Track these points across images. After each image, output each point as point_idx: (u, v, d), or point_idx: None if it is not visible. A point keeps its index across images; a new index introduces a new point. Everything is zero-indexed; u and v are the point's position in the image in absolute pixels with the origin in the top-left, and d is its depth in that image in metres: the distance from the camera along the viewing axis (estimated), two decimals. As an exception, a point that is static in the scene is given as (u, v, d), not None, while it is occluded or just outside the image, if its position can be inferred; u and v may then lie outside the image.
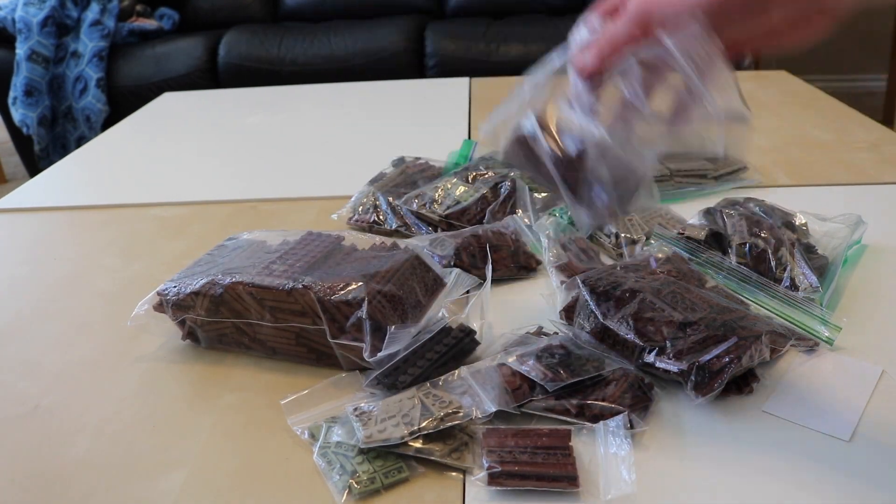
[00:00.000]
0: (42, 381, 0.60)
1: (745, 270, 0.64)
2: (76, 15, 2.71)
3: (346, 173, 1.03)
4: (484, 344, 0.58)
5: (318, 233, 0.66)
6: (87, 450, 0.52)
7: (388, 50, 2.58)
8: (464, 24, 2.70)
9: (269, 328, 0.59)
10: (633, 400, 0.51)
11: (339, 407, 0.53)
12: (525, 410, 0.51)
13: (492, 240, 0.71)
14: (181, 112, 1.46)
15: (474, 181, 0.83)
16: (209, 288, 0.59)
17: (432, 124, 1.26)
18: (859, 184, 0.90)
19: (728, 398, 0.53)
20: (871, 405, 0.52)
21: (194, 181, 1.05)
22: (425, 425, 0.48)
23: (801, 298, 0.61)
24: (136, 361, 0.62)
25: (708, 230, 0.68)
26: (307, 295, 0.56)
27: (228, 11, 2.97)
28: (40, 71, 2.62)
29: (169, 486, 0.48)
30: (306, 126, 1.29)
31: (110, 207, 0.97)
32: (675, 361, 0.52)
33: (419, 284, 0.61)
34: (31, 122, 2.63)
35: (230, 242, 0.68)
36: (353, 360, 0.57)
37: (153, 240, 0.86)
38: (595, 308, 0.58)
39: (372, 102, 1.42)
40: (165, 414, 0.56)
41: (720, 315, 0.55)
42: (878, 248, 0.73)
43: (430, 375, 0.54)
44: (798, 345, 0.58)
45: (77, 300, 0.73)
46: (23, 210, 0.99)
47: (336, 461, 0.48)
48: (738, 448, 0.49)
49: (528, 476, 0.46)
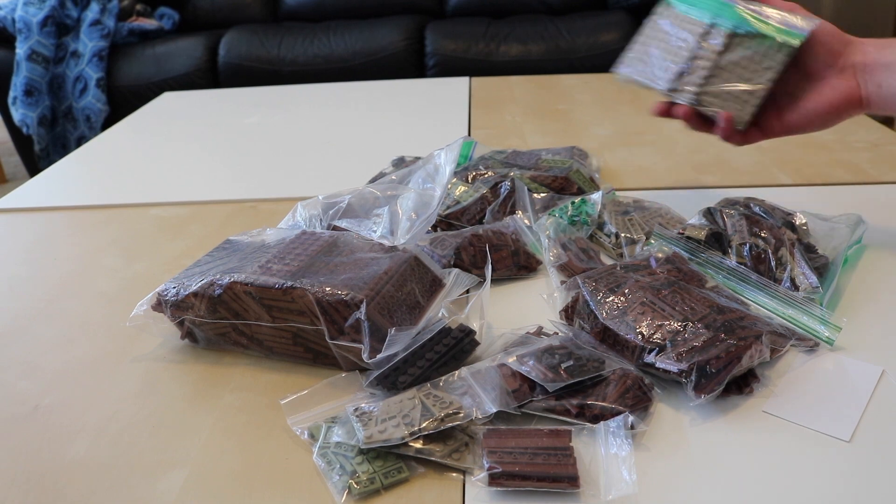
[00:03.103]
0: (42, 381, 0.60)
1: (745, 270, 0.64)
2: (76, 15, 2.71)
3: (346, 173, 1.04)
4: (484, 344, 0.58)
5: (312, 231, 0.67)
6: (87, 450, 0.52)
7: (388, 50, 2.58)
8: (464, 23, 2.70)
9: (267, 328, 0.59)
10: (634, 400, 0.51)
11: (339, 407, 0.53)
12: (525, 411, 0.51)
13: (492, 240, 0.71)
14: (181, 112, 1.46)
15: (474, 181, 0.83)
16: (208, 288, 0.59)
17: (432, 124, 1.26)
18: (859, 184, 0.90)
19: (728, 398, 0.53)
20: (871, 405, 0.52)
21: (194, 181, 1.05)
22: (426, 426, 0.48)
23: (801, 298, 0.61)
24: (135, 361, 0.62)
25: (708, 230, 0.68)
26: (306, 296, 0.56)
27: (228, 11, 2.97)
28: (40, 71, 2.63)
29: (169, 486, 0.48)
30: (306, 126, 1.29)
31: (110, 207, 0.97)
32: (675, 361, 0.52)
33: (418, 285, 0.61)
34: (31, 122, 2.63)
35: (230, 244, 0.68)
36: (353, 360, 0.57)
37: (153, 240, 0.86)
38: (595, 308, 0.58)
39: (372, 102, 1.42)
40: (165, 414, 0.56)
41: (720, 315, 0.55)
42: (878, 248, 0.73)
43: (430, 376, 0.54)
44: (798, 345, 0.58)
45: (77, 300, 0.73)
46: (23, 210, 0.99)
47: (336, 461, 0.48)
48: (738, 448, 0.49)
49: (529, 476, 0.46)
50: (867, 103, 0.66)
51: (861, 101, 0.66)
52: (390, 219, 0.65)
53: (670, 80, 0.70)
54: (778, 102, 0.70)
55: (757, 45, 0.68)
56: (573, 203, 0.77)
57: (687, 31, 0.71)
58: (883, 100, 0.66)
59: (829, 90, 0.67)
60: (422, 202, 0.64)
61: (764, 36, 0.68)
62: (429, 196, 0.65)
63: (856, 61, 0.66)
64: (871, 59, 0.65)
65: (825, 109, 0.67)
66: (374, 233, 0.65)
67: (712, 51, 0.69)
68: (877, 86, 0.65)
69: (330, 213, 0.71)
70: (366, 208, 0.69)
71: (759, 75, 0.68)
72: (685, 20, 0.72)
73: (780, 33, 0.67)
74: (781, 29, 0.67)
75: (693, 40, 0.70)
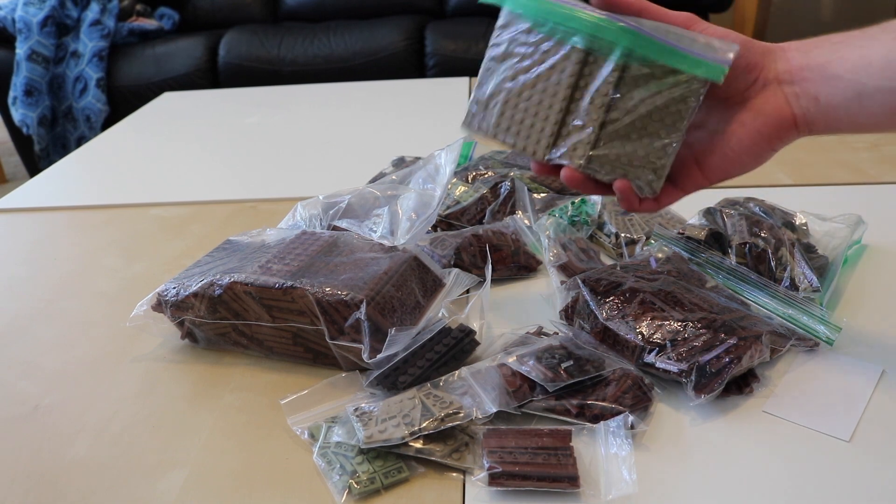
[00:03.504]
0: (42, 381, 0.60)
1: (745, 270, 0.64)
2: (76, 15, 2.71)
3: (346, 173, 1.03)
4: (484, 344, 0.58)
5: (313, 231, 0.67)
6: (87, 450, 0.52)
7: (388, 50, 2.58)
8: (464, 24, 2.69)
9: (268, 328, 0.59)
10: (634, 400, 0.51)
11: (339, 407, 0.53)
12: (525, 411, 0.51)
13: (492, 240, 0.71)
14: (181, 112, 1.46)
15: (474, 181, 0.83)
16: (208, 288, 0.59)
17: (432, 124, 1.26)
18: (859, 184, 0.90)
19: (728, 398, 0.53)
20: (871, 405, 0.52)
21: (194, 181, 1.05)
22: (426, 426, 0.48)
23: (801, 298, 0.60)
24: (135, 361, 0.62)
25: (708, 230, 0.68)
26: (306, 296, 0.56)
27: (228, 11, 2.97)
28: (40, 71, 2.62)
29: (169, 486, 0.48)
30: (306, 126, 1.29)
31: (110, 207, 0.97)
32: (675, 361, 0.52)
33: (418, 285, 0.61)
34: (31, 122, 2.63)
35: (230, 244, 0.68)
36: (353, 360, 0.57)
37: (153, 240, 0.86)
38: (595, 308, 0.58)
39: (372, 102, 1.42)
40: (165, 414, 0.56)
41: (720, 315, 0.55)
42: (878, 248, 0.73)
43: (430, 376, 0.54)
44: (798, 345, 0.58)
45: (77, 300, 0.73)
46: (23, 210, 0.99)
47: (336, 461, 0.48)
48: (738, 448, 0.49)
49: (529, 476, 0.46)
50: (805, 124, 0.50)
51: (796, 122, 0.50)
52: (390, 219, 0.65)
53: (546, 148, 0.52)
54: (691, 145, 0.54)
55: (658, 83, 0.49)
56: (573, 203, 0.77)
57: (556, 66, 0.51)
58: (825, 116, 0.49)
59: (751, 117, 0.51)
60: (422, 202, 0.64)
61: (670, 70, 0.49)
62: (429, 196, 0.65)
63: (779, 71, 0.50)
64: (797, 63, 0.49)
65: (752, 142, 0.51)
66: (374, 233, 0.65)
67: (600, 95, 0.50)
68: (812, 99, 0.49)
69: (330, 213, 0.71)
70: (366, 208, 0.69)
71: (667, 125, 0.50)
72: (549, 46, 0.51)
73: (693, 65, 0.48)
74: (691, 57, 0.48)
75: (567, 79, 0.51)
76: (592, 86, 0.50)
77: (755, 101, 0.51)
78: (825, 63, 0.48)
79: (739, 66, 0.49)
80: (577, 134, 0.51)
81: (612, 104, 0.50)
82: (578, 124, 0.51)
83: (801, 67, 0.49)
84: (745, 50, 0.49)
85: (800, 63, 0.49)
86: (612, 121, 0.50)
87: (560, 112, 0.51)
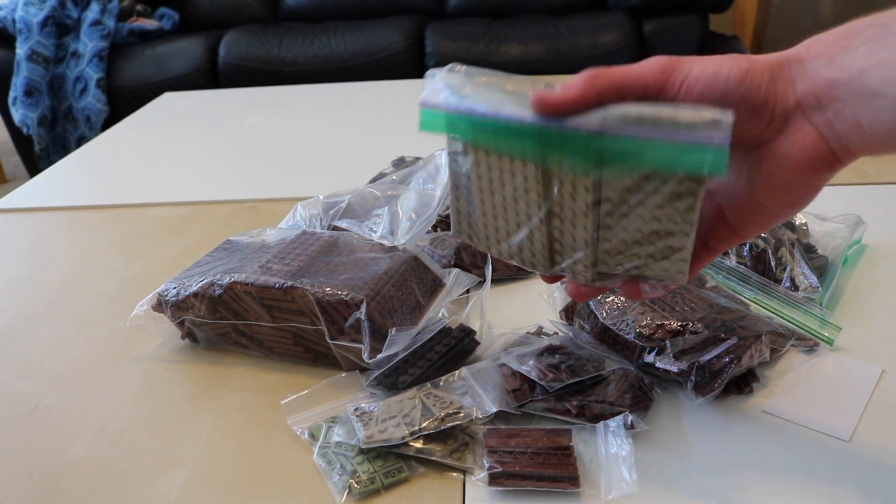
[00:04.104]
0: (42, 381, 0.60)
1: (744, 270, 0.64)
2: (76, 15, 2.71)
3: (346, 173, 1.03)
4: (484, 344, 0.58)
5: (313, 231, 0.67)
6: (87, 450, 0.52)
7: (388, 50, 2.58)
8: (464, 24, 2.69)
9: (268, 328, 0.59)
10: (634, 400, 0.51)
11: (339, 407, 0.53)
12: (525, 411, 0.51)
13: (492, 240, 0.71)
14: (181, 112, 1.46)
15: (474, 181, 0.83)
16: (208, 288, 0.59)
17: (432, 124, 1.26)
18: (859, 184, 0.90)
19: (728, 398, 0.53)
20: (871, 405, 0.52)
21: (194, 181, 1.05)
22: (426, 426, 0.48)
23: (801, 298, 0.61)
24: (135, 361, 0.62)
25: (708, 230, 0.68)
26: (306, 296, 0.56)
27: (228, 11, 2.97)
28: (40, 71, 2.62)
29: (169, 486, 0.48)
30: (306, 126, 1.29)
31: (110, 207, 0.97)
32: (675, 361, 0.52)
33: (418, 285, 0.61)
34: (31, 122, 2.63)
35: (230, 244, 0.68)
36: (353, 360, 0.57)
37: (153, 240, 0.86)
38: (595, 308, 0.58)
39: (372, 102, 1.42)
40: (165, 414, 0.56)
41: (720, 315, 0.55)
42: (878, 248, 0.73)
43: (430, 376, 0.54)
44: (798, 345, 0.58)
45: (77, 300, 0.73)
46: (23, 210, 0.99)
47: (336, 461, 0.48)
48: (738, 448, 0.49)
49: (529, 476, 0.46)
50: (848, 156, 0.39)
51: (836, 156, 0.39)
52: (390, 219, 0.65)
53: (546, 264, 0.45)
54: (714, 196, 0.44)
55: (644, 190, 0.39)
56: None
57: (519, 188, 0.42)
58: (873, 145, 0.37)
59: (776, 165, 0.40)
60: (422, 202, 0.64)
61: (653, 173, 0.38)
62: (429, 196, 0.65)
63: (799, 95, 0.38)
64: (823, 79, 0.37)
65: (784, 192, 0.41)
66: (374, 233, 0.65)
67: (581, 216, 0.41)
68: (853, 126, 0.37)
69: (330, 213, 0.71)
70: (366, 208, 0.69)
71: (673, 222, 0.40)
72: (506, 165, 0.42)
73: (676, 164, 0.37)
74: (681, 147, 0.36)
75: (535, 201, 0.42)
76: (568, 206, 0.41)
77: (778, 144, 0.39)
78: (860, 73, 0.36)
79: (744, 113, 0.38)
80: (571, 256, 0.43)
81: (600, 223, 0.41)
82: (569, 245, 0.43)
83: (829, 84, 0.37)
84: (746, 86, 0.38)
85: (826, 78, 0.37)
86: (605, 238, 0.42)
87: (545, 236, 0.43)
